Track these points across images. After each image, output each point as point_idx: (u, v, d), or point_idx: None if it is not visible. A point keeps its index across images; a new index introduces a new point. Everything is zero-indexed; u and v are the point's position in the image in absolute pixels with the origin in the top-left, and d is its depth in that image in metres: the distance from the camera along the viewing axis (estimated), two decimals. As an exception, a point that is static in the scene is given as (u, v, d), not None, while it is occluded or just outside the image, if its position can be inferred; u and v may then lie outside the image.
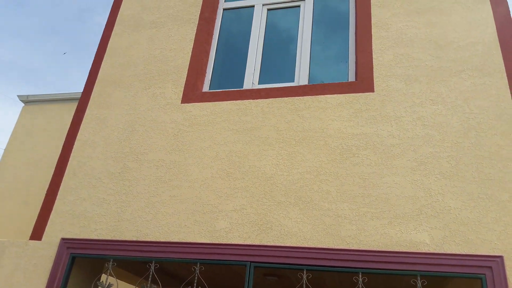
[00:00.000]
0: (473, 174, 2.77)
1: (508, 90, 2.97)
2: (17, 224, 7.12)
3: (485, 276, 2.52)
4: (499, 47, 3.12)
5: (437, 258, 2.60)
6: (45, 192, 4.04)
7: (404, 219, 2.75)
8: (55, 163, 7.78)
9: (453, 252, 2.60)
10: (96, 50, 4.11)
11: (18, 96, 7.73)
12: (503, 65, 3.05)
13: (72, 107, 7.84)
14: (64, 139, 7.60)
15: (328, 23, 3.79)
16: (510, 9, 3.23)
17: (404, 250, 2.66)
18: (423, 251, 2.63)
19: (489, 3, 3.29)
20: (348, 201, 2.88)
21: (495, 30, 3.19)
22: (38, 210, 7.43)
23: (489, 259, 2.54)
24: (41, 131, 7.77)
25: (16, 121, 7.75)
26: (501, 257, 2.52)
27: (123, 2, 4.31)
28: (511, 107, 2.91)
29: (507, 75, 3.01)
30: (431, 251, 2.62)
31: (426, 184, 2.81)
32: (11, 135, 7.72)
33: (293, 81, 3.58)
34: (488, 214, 2.65)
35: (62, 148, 3.73)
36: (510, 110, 2.91)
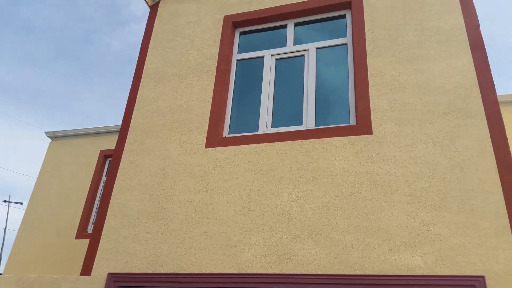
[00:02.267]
0: (459, 205, 3.39)
1: (487, 130, 3.58)
2: (50, 255, 7.89)
3: (471, 293, 3.13)
4: (479, 90, 3.74)
5: (430, 279, 3.21)
6: (78, 224, 4.71)
7: (401, 246, 3.37)
8: (83, 195, 8.58)
9: (443, 273, 3.21)
10: (126, 102, 4.85)
11: (45, 132, 8.57)
12: (483, 107, 3.67)
13: (94, 141, 8.67)
14: (90, 171, 8.40)
15: (330, 70, 4.46)
16: (487, 56, 3.86)
17: (402, 274, 3.28)
18: (418, 273, 3.25)
19: (469, 51, 3.92)
20: (354, 232, 3.52)
21: (475, 76, 3.81)
22: (69, 240, 8.24)
23: (473, 278, 3.14)
24: (68, 165, 8.57)
25: (44, 156, 8.57)
26: (483, 276, 3.12)
27: (147, 57, 5.06)
28: (490, 145, 3.52)
29: (486, 116, 3.63)
30: (425, 273, 3.24)
31: (419, 216, 3.43)
32: (41, 170, 8.54)
33: (301, 124, 4.25)
34: (472, 240, 3.26)
35: (103, 192, 4.45)
36: (490, 147, 3.52)
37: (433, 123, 3.74)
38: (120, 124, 8.56)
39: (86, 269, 4.11)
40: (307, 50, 4.57)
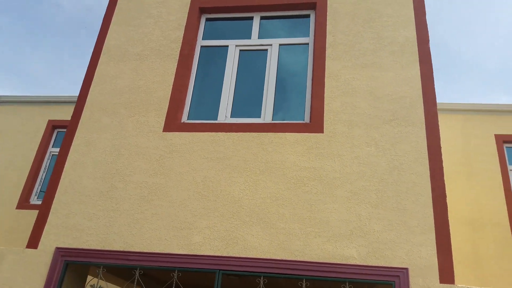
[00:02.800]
0: (393, 204, 3.79)
1: (425, 138, 4.00)
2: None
3: (394, 283, 3.55)
4: (422, 101, 4.14)
5: (361, 268, 3.59)
6: (20, 194, 4.55)
7: (339, 237, 3.73)
8: (27, 165, 8.33)
9: (373, 264, 3.60)
10: (84, 76, 4.79)
11: (-11, 95, 8.11)
12: (424, 117, 4.08)
13: (43, 110, 8.37)
14: (36, 141, 8.17)
15: (290, 67, 4.68)
16: (433, 70, 4.26)
17: (338, 262, 3.64)
18: (352, 263, 3.63)
19: (418, 64, 4.30)
20: (298, 222, 3.83)
21: (420, 87, 4.20)
22: (10, 209, 8.02)
23: (398, 270, 3.56)
24: (12, 133, 8.23)
25: (-14, 120, 8.15)
26: (406, 269, 3.55)
27: (109, 32, 5.00)
28: (426, 152, 3.94)
29: (426, 126, 4.04)
30: (358, 263, 3.62)
31: (357, 211, 3.80)
32: (-19, 135, 8.12)
33: (259, 116, 4.46)
34: (401, 236, 3.68)
35: (54, 167, 4.43)
36: (425, 154, 3.94)
37: (378, 128, 4.10)
38: (71, 94, 8.38)
39: (33, 242, 4.12)
40: (271, 45, 4.76)
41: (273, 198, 3.94)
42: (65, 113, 8.09)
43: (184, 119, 4.55)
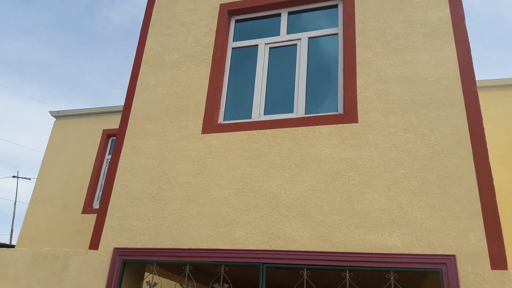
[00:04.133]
0: (436, 190, 3.65)
1: (466, 121, 3.80)
2: (58, 228, 8.30)
3: (441, 270, 3.43)
4: (460, 82, 3.93)
5: (405, 257, 3.50)
6: (84, 200, 4.97)
7: (381, 227, 3.66)
8: (87, 173, 8.93)
9: (418, 252, 3.50)
10: (127, 88, 5.06)
11: (50, 112, 8.81)
12: (463, 98, 3.87)
13: (98, 120, 8.92)
14: (94, 150, 8.72)
15: (321, 60, 4.63)
16: (470, 49, 4.02)
17: (381, 252, 3.58)
18: (395, 252, 3.55)
19: (453, 43, 4.08)
20: (338, 214, 3.80)
21: (458, 68, 3.99)
22: (76, 214, 8.65)
23: (445, 257, 3.43)
24: (72, 144, 8.86)
25: (49, 135, 8.84)
26: (454, 255, 3.41)
27: (146, 44, 5.23)
28: (467, 135, 3.75)
29: (466, 108, 3.83)
30: (401, 252, 3.53)
31: (398, 199, 3.70)
32: (47, 148, 8.85)
33: (292, 111, 4.47)
34: (445, 222, 3.54)
35: (107, 174, 4.73)
36: (467, 137, 3.74)
37: (415, 113, 3.95)
38: (121, 104, 8.84)
39: (94, 244, 4.44)
40: (300, 39, 4.73)
41: (310, 192, 3.95)
42: (117, 122, 8.59)
43: (220, 120, 4.67)
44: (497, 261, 3.34)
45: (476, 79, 7.69)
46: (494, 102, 7.23)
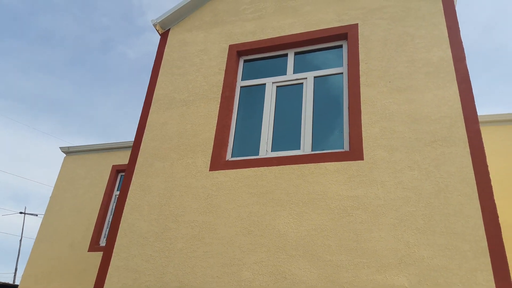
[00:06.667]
0: (442, 229, 3.74)
1: (470, 158, 3.93)
2: (64, 267, 8.40)
3: (451, 312, 3.46)
4: (463, 120, 4.10)
5: (414, 298, 3.56)
6: (91, 237, 5.09)
7: (388, 267, 3.73)
8: (95, 209, 9.10)
9: (426, 293, 3.55)
10: (137, 126, 5.32)
11: (60, 147, 9.13)
12: (466, 136, 4.02)
13: (107, 156, 9.19)
14: (102, 186, 8.91)
15: (326, 98, 4.86)
16: (472, 87, 4.21)
17: (389, 292, 3.63)
18: (403, 292, 3.60)
19: (455, 82, 4.28)
20: (345, 253, 3.89)
21: (460, 106, 4.17)
22: (83, 252, 8.74)
23: (454, 298, 3.48)
24: (82, 180, 9.10)
25: (59, 170, 9.12)
26: (463, 296, 3.46)
27: (157, 83, 5.54)
28: (472, 172, 3.87)
29: (469, 145, 3.98)
30: (409, 292, 3.59)
31: (405, 238, 3.79)
32: (56, 184, 9.10)
33: (299, 148, 4.65)
34: (453, 261, 3.60)
35: (114, 212, 4.91)
36: (471, 174, 3.87)
37: (420, 151, 4.10)
38: (131, 139, 9.12)
39: (99, 284, 4.55)
40: (306, 78, 4.99)
41: (318, 230, 4.06)
42: (126, 158, 8.84)
43: (228, 157, 4.86)
44: (508, 302, 3.38)
45: (481, 113, 7.87)
46: (499, 136, 7.34)
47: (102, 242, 8.58)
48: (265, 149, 4.77)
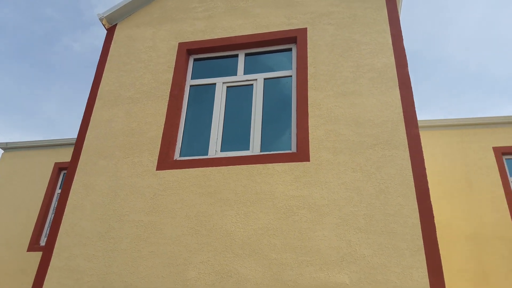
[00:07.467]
0: (382, 228, 3.84)
1: (409, 161, 4.07)
2: (1, 266, 7.80)
3: (388, 307, 3.57)
4: (404, 125, 4.24)
5: (354, 295, 3.63)
6: (30, 236, 4.72)
7: (330, 265, 3.77)
8: (36, 207, 8.55)
9: (366, 289, 3.63)
10: (80, 122, 5.02)
11: (-3, 143, 8.45)
12: (406, 140, 4.17)
13: (49, 153, 8.66)
14: (44, 184, 8.41)
15: (276, 100, 4.85)
16: (413, 94, 4.37)
17: (331, 290, 3.68)
18: (345, 289, 3.66)
19: (397, 88, 4.42)
20: (290, 251, 3.89)
21: (401, 111, 4.31)
22: (21, 252, 8.19)
23: (391, 294, 3.58)
24: (21, 177, 8.50)
25: (-5, 167, 8.45)
26: (399, 292, 3.57)
27: (102, 79, 5.26)
28: (411, 175, 4.01)
29: (409, 148, 4.12)
30: (350, 289, 3.66)
31: (347, 237, 3.86)
32: (-8, 181, 8.41)
33: (248, 149, 4.60)
34: (391, 259, 3.71)
35: (55, 211, 4.60)
36: (410, 176, 4.01)
37: (363, 153, 4.19)
38: (74, 137, 8.65)
39: (37, 285, 4.24)
40: (256, 79, 4.95)
41: (264, 229, 4.03)
42: (70, 156, 8.37)
43: (176, 156, 4.72)
44: (440, 296, 3.53)
45: (422, 118, 8.27)
46: (439, 139, 7.75)
47: (43, 242, 8.06)
48: (215, 149, 4.68)
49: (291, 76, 4.91)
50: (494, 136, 7.65)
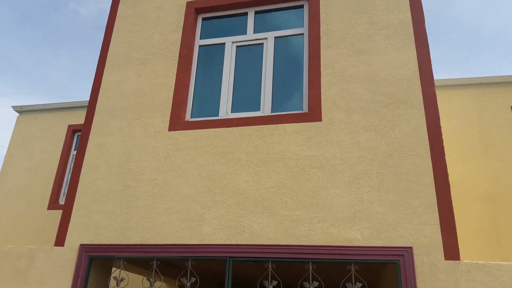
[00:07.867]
0: (395, 186, 3.83)
1: (424, 119, 3.99)
2: (24, 225, 8.10)
3: (399, 262, 3.61)
4: (420, 83, 4.12)
5: (365, 249, 3.66)
6: (49, 196, 4.85)
7: (342, 221, 3.81)
8: (53, 168, 8.73)
9: (377, 245, 3.66)
10: (92, 84, 5.00)
11: (12, 106, 8.53)
12: (422, 98, 4.06)
13: (62, 115, 8.73)
14: (59, 146, 8.56)
15: (287, 59, 4.73)
16: (430, 51, 4.22)
17: (342, 245, 3.72)
18: (356, 245, 3.70)
19: (414, 45, 4.26)
20: (301, 208, 3.92)
21: (417, 69, 4.17)
22: (42, 211, 8.47)
23: (402, 249, 3.61)
24: (37, 139, 8.63)
25: (12, 130, 8.57)
26: (411, 248, 3.59)
27: (112, 40, 5.17)
28: (426, 133, 3.94)
29: (424, 107, 4.02)
30: (362, 245, 3.69)
31: (359, 195, 3.86)
32: (9, 144, 8.56)
33: (259, 110, 4.55)
34: (404, 216, 3.72)
35: (72, 171, 4.67)
36: (425, 135, 3.93)
37: (377, 112, 4.11)
38: (87, 99, 8.67)
39: (60, 241, 4.39)
40: (266, 38, 4.81)
41: (276, 187, 4.05)
42: (83, 117, 8.43)
43: (188, 117, 4.69)
44: (451, 252, 3.55)
45: (440, 77, 8.06)
46: (454, 99, 7.57)
47: (62, 201, 8.29)
48: (225, 110, 4.64)
49: (302, 34, 4.76)
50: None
